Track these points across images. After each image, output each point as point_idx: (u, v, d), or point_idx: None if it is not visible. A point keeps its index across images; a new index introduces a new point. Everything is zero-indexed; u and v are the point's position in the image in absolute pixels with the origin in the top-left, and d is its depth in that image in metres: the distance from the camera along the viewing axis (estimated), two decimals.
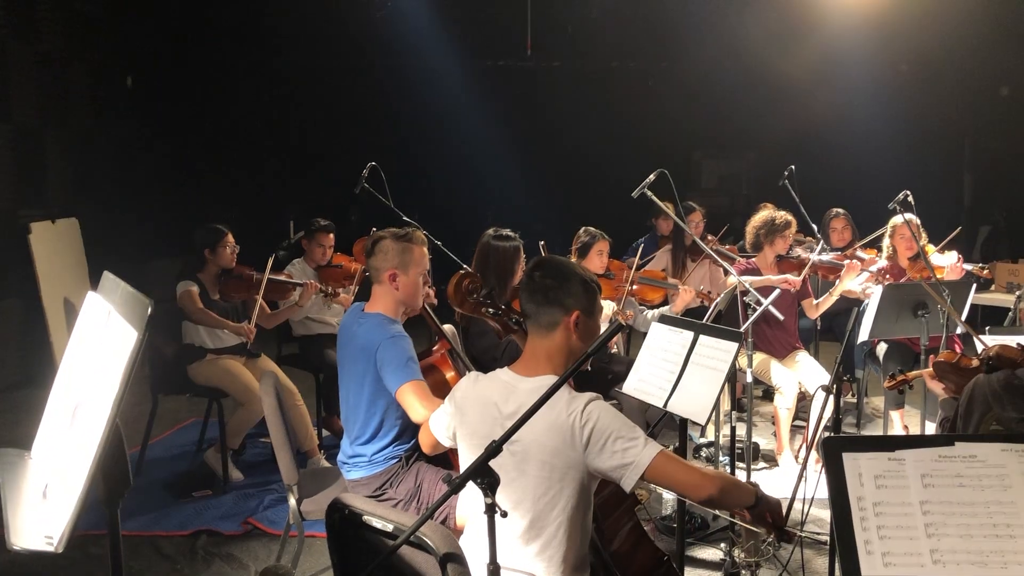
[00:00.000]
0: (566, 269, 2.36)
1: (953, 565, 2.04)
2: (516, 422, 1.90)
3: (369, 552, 2.20)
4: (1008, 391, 2.69)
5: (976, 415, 2.79)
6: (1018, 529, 2.05)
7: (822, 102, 10.10)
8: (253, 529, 4.35)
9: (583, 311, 2.35)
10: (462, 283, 3.40)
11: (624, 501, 2.58)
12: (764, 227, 5.21)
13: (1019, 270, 6.79)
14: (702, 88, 10.88)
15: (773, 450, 5.30)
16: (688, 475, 2.20)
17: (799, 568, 3.73)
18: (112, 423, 1.53)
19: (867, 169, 9.27)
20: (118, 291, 1.76)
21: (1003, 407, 2.69)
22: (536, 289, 2.34)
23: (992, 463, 2.14)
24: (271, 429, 3.32)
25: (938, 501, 2.10)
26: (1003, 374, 2.75)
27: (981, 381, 2.80)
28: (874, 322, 4.71)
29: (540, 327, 2.34)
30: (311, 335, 5.52)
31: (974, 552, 2.04)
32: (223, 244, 4.97)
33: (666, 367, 3.45)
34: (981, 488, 2.11)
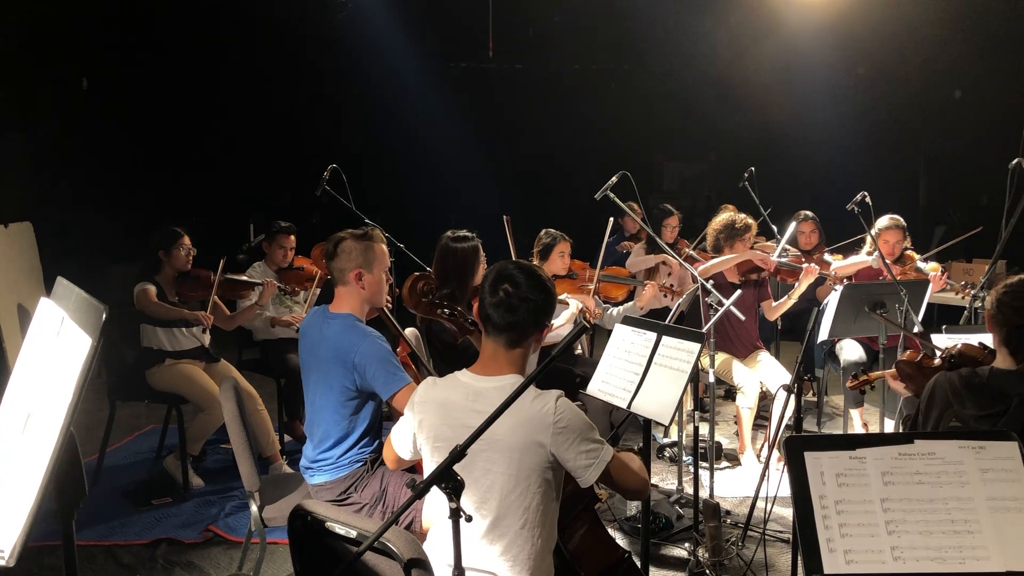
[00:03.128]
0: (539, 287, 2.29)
1: (913, 561, 2.07)
2: (482, 423, 1.90)
3: (332, 559, 2.17)
4: (968, 388, 2.73)
5: (936, 412, 2.82)
6: (975, 525, 2.08)
7: (782, 105, 10.24)
8: (214, 536, 4.28)
9: (550, 323, 2.38)
10: (417, 285, 3.38)
11: (583, 500, 2.59)
12: (724, 230, 5.25)
13: (973, 269, 6.92)
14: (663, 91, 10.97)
15: (736, 449, 5.34)
16: (634, 480, 2.33)
17: (762, 567, 3.76)
18: (66, 432, 1.49)
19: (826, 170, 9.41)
20: (72, 297, 1.72)
21: (963, 404, 2.72)
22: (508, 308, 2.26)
23: (950, 460, 2.17)
24: (231, 435, 3.27)
25: (898, 498, 2.12)
26: (964, 371, 2.79)
27: (942, 379, 2.84)
28: (833, 321, 4.77)
29: (507, 339, 2.30)
30: (272, 339, 5.46)
31: (933, 548, 2.07)
32: (178, 246, 4.89)
33: (629, 368, 3.47)
34: (940, 485, 2.14)
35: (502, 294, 2.27)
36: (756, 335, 5.38)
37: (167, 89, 9.20)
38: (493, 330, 2.31)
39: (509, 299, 2.26)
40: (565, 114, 10.94)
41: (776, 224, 6.13)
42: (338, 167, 5.17)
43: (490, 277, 2.32)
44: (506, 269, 2.32)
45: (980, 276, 5.03)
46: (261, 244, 5.68)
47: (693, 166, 12.76)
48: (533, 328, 2.30)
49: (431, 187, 10.38)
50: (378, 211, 5.77)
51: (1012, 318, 2.70)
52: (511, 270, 2.31)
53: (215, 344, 5.20)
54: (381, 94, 10.16)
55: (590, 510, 2.67)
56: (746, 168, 6.22)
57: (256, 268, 5.52)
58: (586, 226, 7.29)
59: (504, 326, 2.28)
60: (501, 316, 2.28)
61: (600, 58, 11.10)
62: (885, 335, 4.69)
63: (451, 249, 4.18)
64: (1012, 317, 2.70)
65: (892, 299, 4.60)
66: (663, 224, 6.54)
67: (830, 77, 9.93)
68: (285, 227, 5.57)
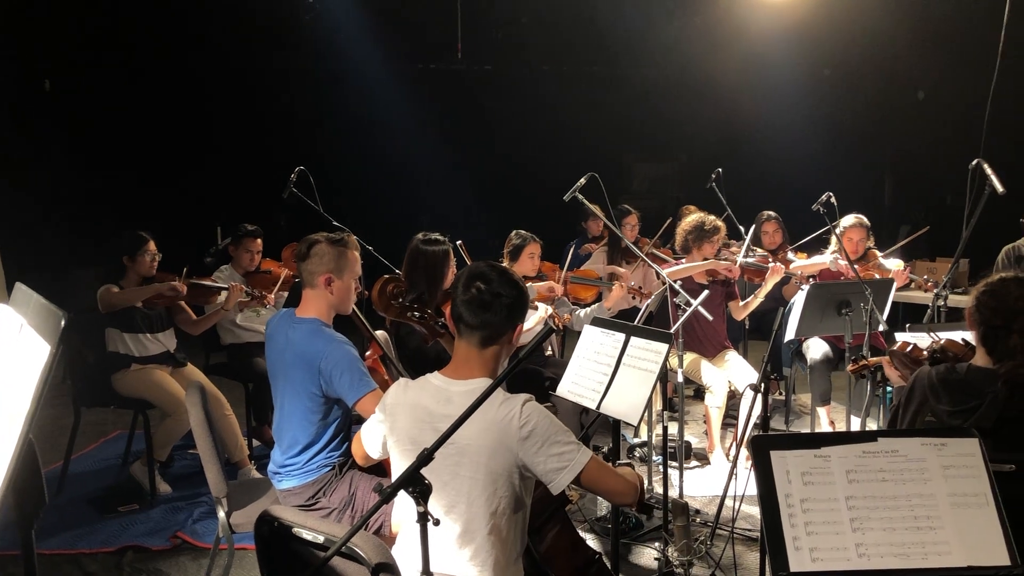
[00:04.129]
0: (511, 284, 2.29)
1: (877, 558, 2.09)
2: (449, 427, 1.89)
3: (300, 564, 2.16)
4: (944, 384, 2.76)
5: (914, 406, 2.86)
6: (937, 521, 2.11)
7: (749, 106, 10.33)
8: (182, 543, 4.24)
9: (523, 322, 2.37)
10: (386, 288, 3.37)
11: (554, 502, 2.59)
12: (693, 232, 5.29)
13: (937, 268, 7.02)
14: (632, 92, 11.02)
15: (705, 448, 5.37)
16: (615, 482, 2.28)
17: (731, 565, 3.79)
18: (24, 440, 1.46)
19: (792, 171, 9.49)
20: (30, 303, 1.69)
21: (938, 399, 2.75)
22: (480, 304, 2.26)
23: (913, 457, 2.20)
24: (198, 441, 3.23)
25: (862, 496, 2.15)
26: (943, 367, 2.82)
27: (922, 373, 2.87)
28: (800, 321, 4.82)
29: (480, 338, 2.29)
30: (240, 343, 5.41)
31: (896, 544, 2.09)
32: (143, 252, 4.82)
33: (599, 369, 3.48)
34: (903, 482, 2.17)
35: (474, 291, 2.26)
36: (724, 335, 5.42)
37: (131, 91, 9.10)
38: (466, 329, 2.30)
39: (481, 295, 2.26)
40: (534, 115, 10.95)
41: (743, 225, 6.17)
42: (305, 169, 5.14)
43: (463, 277, 2.32)
44: (478, 268, 2.33)
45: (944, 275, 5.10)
46: (227, 248, 5.62)
47: (662, 167, 12.83)
48: (506, 325, 2.29)
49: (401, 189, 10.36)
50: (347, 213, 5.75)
51: (989, 318, 2.73)
52: (483, 269, 2.32)
53: (182, 349, 5.14)
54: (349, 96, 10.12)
55: (561, 512, 2.67)
56: (714, 169, 6.27)
57: (223, 272, 5.47)
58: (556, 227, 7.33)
59: (477, 324, 2.27)
60: (473, 314, 2.27)
61: (569, 59, 11.13)
62: (851, 334, 4.74)
63: (422, 251, 4.16)
64: (990, 317, 2.73)
65: (857, 298, 4.66)
66: (622, 224, 6.59)
67: (796, 78, 10.04)
68: (251, 230, 5.52)
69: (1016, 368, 2.62)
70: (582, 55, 10.99)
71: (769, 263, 5.53)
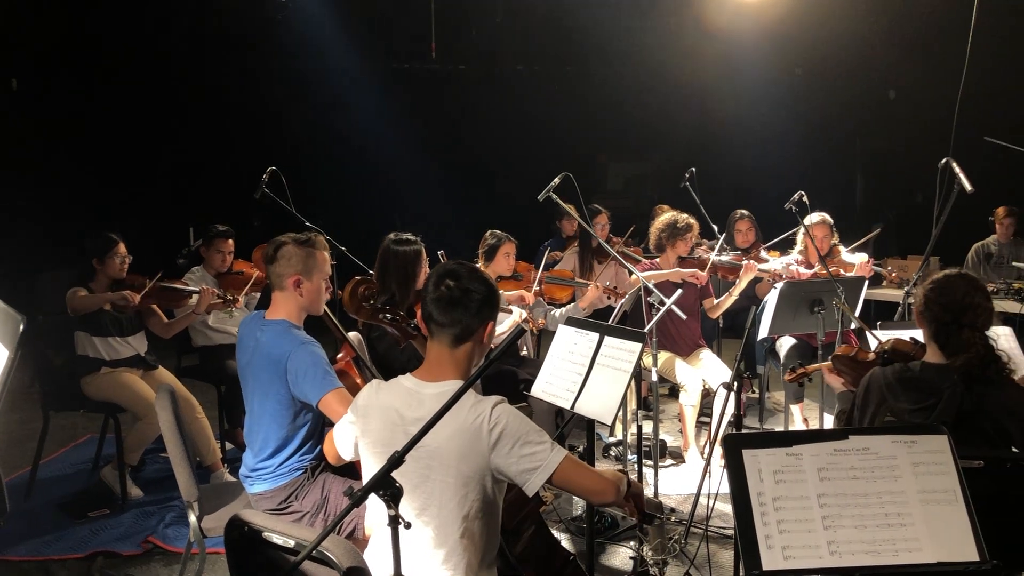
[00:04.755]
0: (481, 280, 2.28)
1: (849, 555, 2.10)
2: (420, 430, 1.87)
3: (270, 569, 2.14)
4: (901, 383, 2.79)
5: (872, 407, 2.88)
6: (908, 518, 2.12)
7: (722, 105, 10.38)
8: (154, 548, 4.19)
9: (494, 321, 2.35)
10: (358, 290, 3.34)
11: (528, 503, 2.58)
12: (666, 230, 5.31)
13: (908, 266, 7.09)
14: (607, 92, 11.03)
15: (680, 447, 5.39)
16: (592, 480, 2.24)
17: (705, 563, 3.80)
18: None
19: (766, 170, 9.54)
20: None
21: (897, 398, 2.78)
22: (450, 301, 2.24)
23: (884, 455, 2.21)
24: (168, 444, 3.20)
25: (834, 494, 2.16)
26: (897, 366, 2.85)
27: (876, 374, 2.90)
28: (773, 319, 4.85)
29: (451, 335, 2.27)
30: (212, 345, 5.36)
31: (868, 542, 2.11)
32: (113, 254, 4.77)
33: (573, 369, 3.48)
34: (874, 479, 2.18)
35: (443, 289, 2.25)
36: (698, 333, 5.44)
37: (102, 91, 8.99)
38: (437, 328, 2.28)
39: (451, 292, 2.24)
40: (509, 115, 10.94)
41: (716, 224, 6.21)
42: (277, 169, 5.10)
43: (432, 276, 2.31)
44: (448, 266, 2.32)
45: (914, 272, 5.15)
46: (199, 249, 5.57)
47: (636, 167, 12.86)
48: (477, 322, 2.26)
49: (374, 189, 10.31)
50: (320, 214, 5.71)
51: (939, 314, 2.76)
52: (453, 267, 2.31)
53: (153, 351, 5.08)
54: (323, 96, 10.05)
55: (536, 513, 2.66)
56: (688, 168, 6.29)
57: (195, 273, 5.41)
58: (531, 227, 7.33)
59: (447, 322, 2.25)
60: (443, 311, 2.25)
61: (543, 59, 11.13)
62: (823, 332, 4.78)
63: (393, 252, 4.13)
64: (939, 313, 2.76)
65: (830, 296, 4.69)
66: (592, 223, 6.59)
67: (768, 78, 10.10)
68: (223, 231, 5.47)
69: (969, 361, 2.67)
70: (556, 55, 11.00)
71: (742, 262, 5.55)
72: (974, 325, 2.72)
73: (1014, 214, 7.22)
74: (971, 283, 2.77)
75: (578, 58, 10.94)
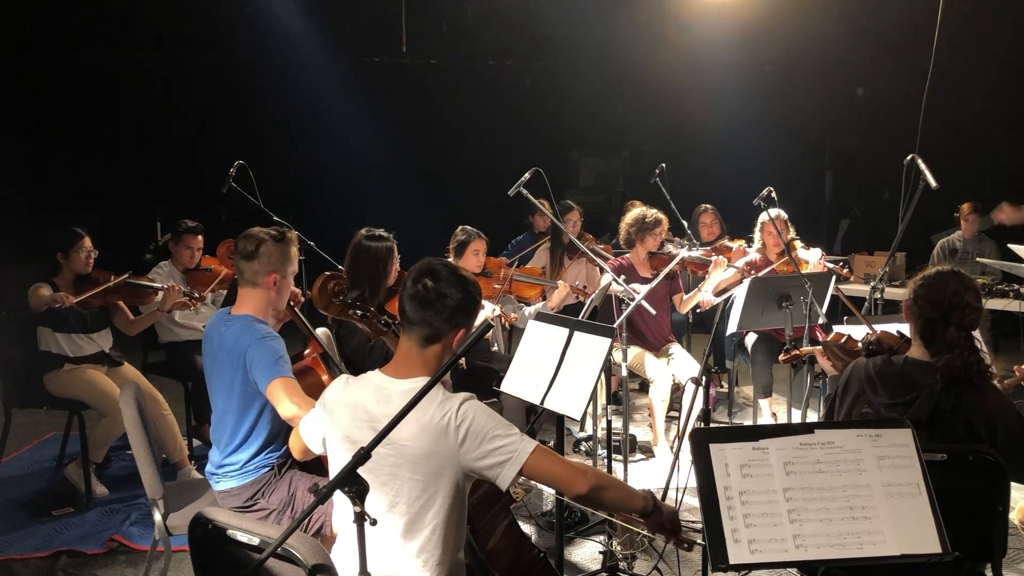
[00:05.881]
0: (460, 286, 2.25)
1: (814, 548, 2.12)
2: (386, 426, 1.86)
3: (235, 567, 2.12)
4: (880, 376, 2.79)
5: (850, 398, 2.90)
6: (872, 511, 2.14)
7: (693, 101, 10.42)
8: (119, 546, 4.14)
9: (468, 327, 2.32)
10: (327, 285, 3.30)
11: (499, 500, 2.57)
12: (635, 225, 5.33)
13: (875, 262, 7.16)
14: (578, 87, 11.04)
15: (650, 441, 5.41)
16: (563, 470, 2.21)
17: (674, 557, 3.81)
18: None
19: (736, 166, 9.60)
20: None
21: (875, 392, 2.78)
22: (423, 301, 2.22)
23: (849, 448, 2.23)
24: (132, 441, 3.16)
25: (800, 487, 2.17)
26: (879, 359, 2.84)
27: (859, 365, 2.90)
28: (741, 314, 4.88)
29: (420, 335, 2.25)
30: (178, 341, 5.29)
31: (833, 535, 2.12)
32: (78, 248, 4.69)
33: (542, 365, 3.47)
34: (839, 473, 2.20)
35: (420, 287, 2.23)
36: (668, 329, 5.47)
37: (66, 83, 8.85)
38: (408, 325, 2.26)
39: (426, 293, 2.22)
40: (480, 109, 10.92)
41: (686, 219, 6.23)
42: (245, 164, 5.04)
43: (414, 271, 2.28)
44: (431, 264, 2.28)
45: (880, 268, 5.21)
46: (167, 244, 5.50)
47: (608, 162, 12.89)
48: (447, 326, 2.24)
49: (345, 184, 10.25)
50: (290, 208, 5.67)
51: (927, 311, 2.74)
52: (436, 265, 2.27)
53: (118, 347, 5.01)
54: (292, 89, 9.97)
55: (506, 510, 2.66)
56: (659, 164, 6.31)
57: (161, 268, 5.34)
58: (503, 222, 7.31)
59: (417, 320, 2.24)
60: (415, 310, 2.23)
61: (515, 53, 11.12)
62: (791, 327, 4.81)
63: (364, 247, 4.09)
64: (927, 310, 2.74)
65: (798, 292, 4.73)
66: (564, 220, 6.59)
67: (738, 74, 10.15)
68: (192, 227, 5.40)
69: (952, 361, 2.66)
70: (527, 49, 10.99)
71: (712, 257, 5.58)
72: (961, 324, 2.70)
73: (978, 210, 7.32)
74: (962, 282, 2.74)
75: (549, 53, 10.94)
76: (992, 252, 7.15)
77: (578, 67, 10.95)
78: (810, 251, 5.78)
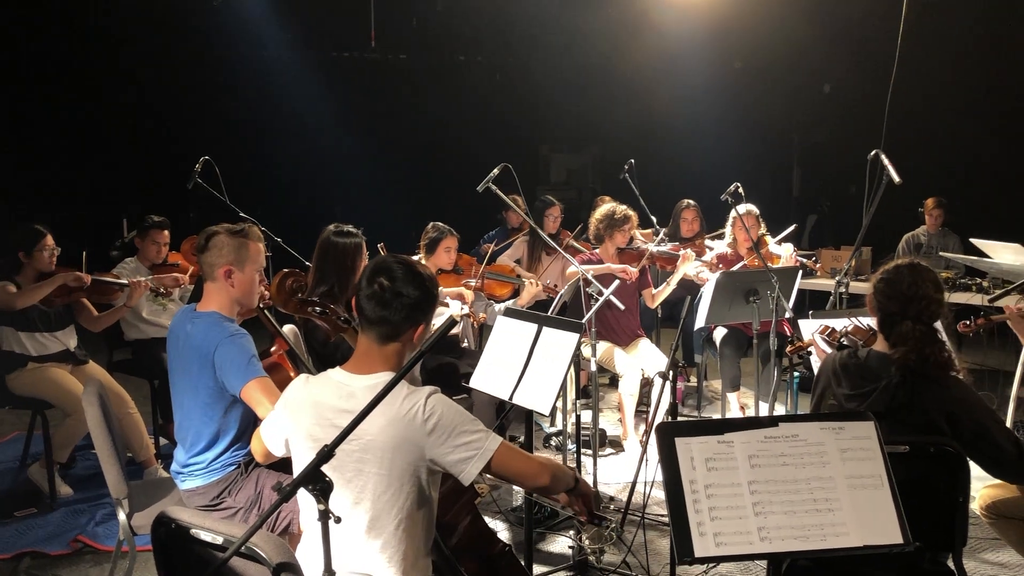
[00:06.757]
0: (416, 283, 2.24)
1: (779, 541, 2.14)
2: (350, 423, 1.85)
3: (199, 566, 2.10)
4: (845, 369, 2.84)
5: (819, 390, 2.95)
6: (835, 503, 2.16)
7: (663, 97, 10.46)
8: (84, 547, 4.09)
9: (427, 323, 2.32)
10: (285, 282, 3.27)
11: (464, 495, 2.57)
12: (604, 221, 5.36)
13: (841, 256, 7.24)
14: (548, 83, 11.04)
15: (619, 436, 5.43)
16: (526, 465, 2.25)
17: (642, 550, 3.84)
18: None
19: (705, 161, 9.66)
20: None
21: (838, 383, 2.83)
22: (380, 300, 2.21)
23: (812, 441, 2.25)
24: (95, 441, 3.11)
25: (764, 480, 2.19)
26: (845, 352, 2.90)
27: (829, 358, 2.96)
28: (709, 309, 4.92)
29: (379, 333, 2.24)
30: (145, 339, 5.24)
31: (797, 527, 2.14)
32: (40, 247, 4.61)
33: (511, 360, 3.47)
34: (803, 466, 2.22)
35: (376, 287, 2.22)
36: (637, 323, 5.50)
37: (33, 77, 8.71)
38: (366, 323, 2.25)
39: (383, 292, 2.21)
40: (450, 105, 10.89)
41: (655, 215, 6.26)
42: (210, 159, 4.99)
43: (368, 269, 2.27)
44: (385, 262, 2.27)
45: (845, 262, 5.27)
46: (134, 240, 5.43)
47: (578, 158, 12.92)
48: (406, 324, 2.24)
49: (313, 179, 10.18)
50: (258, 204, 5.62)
51: (885, 304, 2.79)
52: (390, 263, 2.26)
53: (83, 345, 4.95)
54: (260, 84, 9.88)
55: (470, 504, 2.66)
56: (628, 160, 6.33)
57: (127, 264, 5.28)
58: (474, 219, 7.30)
59: (376, 320, 2.23)
60: (373, 309, 2.22)
61: (485, 49, 11.10)
62: (758, 321, 4.86)
63: (333, 243, 4.05)
64: (885, 303, 2.80)
65: (765, 286, 4.77)
66: (545, 215, 6.58)
67: (708, 71, 10.21)
68: (158, 222, 5.34)
69: (907, 354, 2.70)
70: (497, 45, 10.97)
71: (680, 252, 5.62)
72: (919, 317, 2.73)
73: (942, 205, 7.42)
74: (919, 274, 2.78)
75: (519, 48, 10.93)
76: (955, 246, 7.25)
77: (548, 63, 10.95)
78: (782, 246, 5.84)
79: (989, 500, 3.15)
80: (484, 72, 11.35)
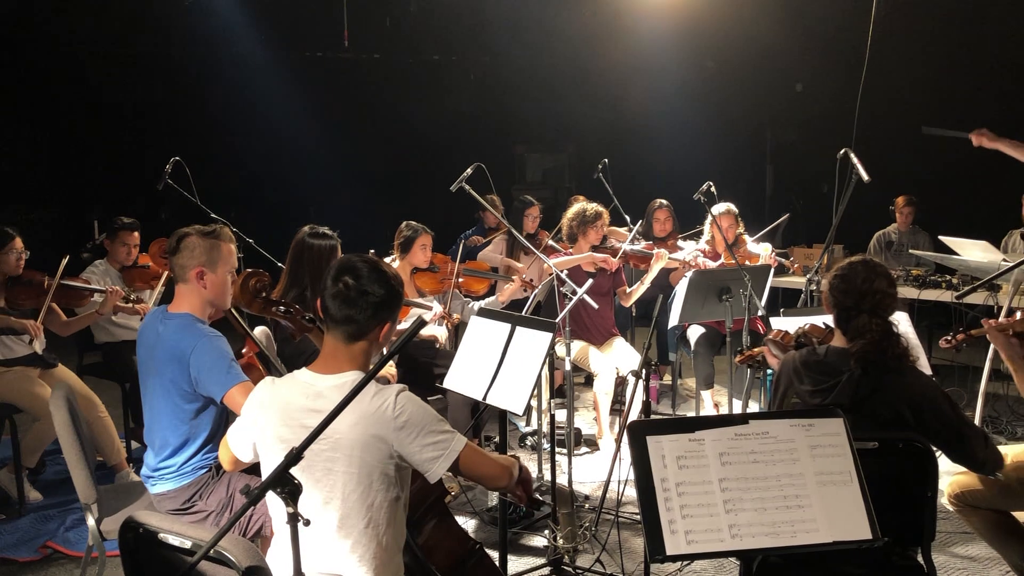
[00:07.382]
0: (381, 281, 2.23)
1: (749, 538, 2.15)
2: (319, 424, 1.84)
3: (168, 571, 2.08)
4: (805, 366, 2.89)
5: (781, 390, 2.98)
6: (805, 500, 2.18)
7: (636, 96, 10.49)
8: (53, 553, 4.04)
9: (392, 321, 2.32)
10: (248, 282, 3.24)
11: (432, 494, 2.58)
12: (576, 219, 5.37)
13: (813, 254, 7.29)
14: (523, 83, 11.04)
15: (594, 435, 5.44)
16: (489, 466, 2.28)
17: (617, 548, 3.85)
18: None
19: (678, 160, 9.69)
20: None
21: (801, 381, 2.87)
22: (345, 300, 2.21)
23: (782, 438, 2.27)
24: (63, 445, 3.08)
25: (735, 478, 2.20)
26: (805, 350, 2.95)
27: (788, 358, 2.99)
28: (683, 307, 4.94)
29: (345, 333, 2.24)
30: (115, 342, 5.18)
31: (767, 524, 2.16)
32: (8, 250, 4.54)
33: (485, 360, 3.47)
34: (773, 463, 2.23)
35: (341, 285, 2.21)
36: (612, 322, 5.51)
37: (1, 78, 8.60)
38: (331, 323, 2.25)
39: (348, 291, 2.21)
40: (425, 105, 10.86)
41: (629, 214, 6.28)
42: (180, 160, 4.95)
43: (332, 269, 2.26)
44: (350, 261, 2.27)
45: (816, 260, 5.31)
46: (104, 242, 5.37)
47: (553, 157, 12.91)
48: (372, 323, 2.24)
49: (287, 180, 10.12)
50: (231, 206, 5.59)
51: (841, 300, 2.86)
52: (355, 262, 2.26)
53: (52, 349, 4.88)
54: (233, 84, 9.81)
55: (440, 504, 2.67)
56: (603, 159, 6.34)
57: (98, 267, 5.22)
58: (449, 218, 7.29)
59: (341, 319, 2.22)
60: (338, 308, 2.22)
61: (459, 48, 11.08)
62: (731, 319, 4.88)
63: (308, 245, 4.02)
64: (841, 299, 2.86)
65: (737, 284, 4.79)
66: (524, 214, 6.57)
67: (681, 70, 10.25)
68: (128, 223, 5.28)
69: (866, 347, 2.75)
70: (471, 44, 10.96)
71: (653, 250, 5.64)
72: (874, 311, 2.79)
73: (913, 203, 7.50)
74: (872, 269, 2.84)
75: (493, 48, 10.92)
76: (926, 244, 7.33)
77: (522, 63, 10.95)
78: (760, 245, 5.88)
79: (957, 489, 3.19)
80: (459, 72, 11.33)
